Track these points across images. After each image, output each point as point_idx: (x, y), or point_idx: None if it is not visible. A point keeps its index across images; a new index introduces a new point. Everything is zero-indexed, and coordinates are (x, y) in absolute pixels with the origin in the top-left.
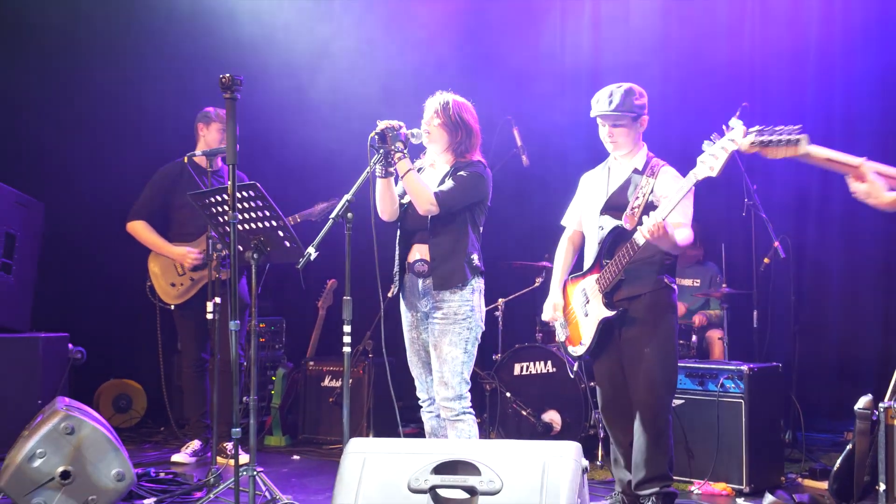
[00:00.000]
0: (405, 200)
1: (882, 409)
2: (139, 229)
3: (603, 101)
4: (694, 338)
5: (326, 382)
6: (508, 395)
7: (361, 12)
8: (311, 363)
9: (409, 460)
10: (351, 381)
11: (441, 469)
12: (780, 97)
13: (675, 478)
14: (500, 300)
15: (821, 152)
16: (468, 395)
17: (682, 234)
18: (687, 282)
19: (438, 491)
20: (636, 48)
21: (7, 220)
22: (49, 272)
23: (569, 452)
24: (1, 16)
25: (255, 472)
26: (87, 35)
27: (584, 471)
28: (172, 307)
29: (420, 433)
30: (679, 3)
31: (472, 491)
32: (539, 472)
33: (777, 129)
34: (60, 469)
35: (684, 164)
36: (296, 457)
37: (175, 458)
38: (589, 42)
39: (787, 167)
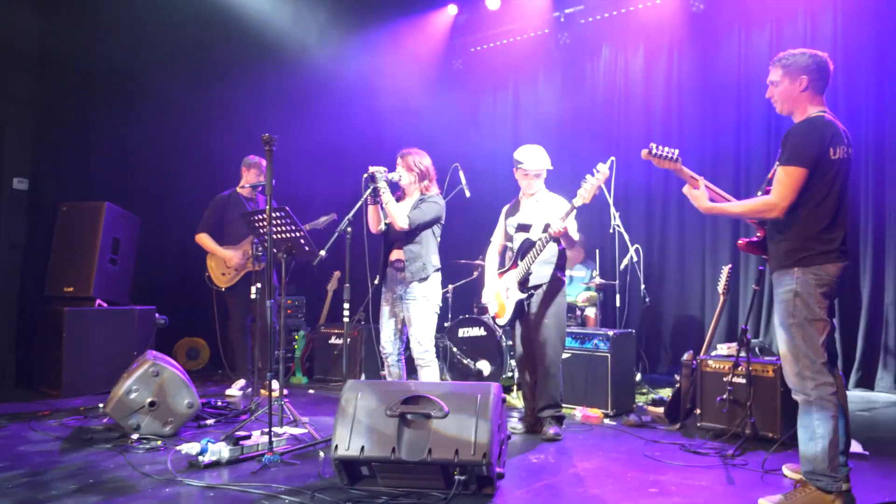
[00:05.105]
0: (387, 220)
1: (699, 361)
2: (202, 239)
3: (536, 161)
4: (577, 312)
5: (333, 341)
6: (455, 350)
7: (361, 104)
8: (323, 327)
9: (387, 395)
10: (349, 340)
11: (407, 401)
12: (636, 150)
13: (563, 405)
14: (449, 286)
15: (687, 170)
16: (433, 348)
17: (573, 230)
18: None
19: (405, 415)
20: (543, 118)
21: (115, 229)
22: (144, 264)
23: (494, 389)
24: (121, 87)
25: (283, 402)
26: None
27: (503, 401)
28: (223, 289)
29: None
30: (569, 90)
31: (427, 416)
32: (474, 402)
33: (665, 149)
34: (149, 400)
35: (571, 193)
36: (311, 391)
37: (228, 392)
38: (511, 114)
39: (639, 201)
